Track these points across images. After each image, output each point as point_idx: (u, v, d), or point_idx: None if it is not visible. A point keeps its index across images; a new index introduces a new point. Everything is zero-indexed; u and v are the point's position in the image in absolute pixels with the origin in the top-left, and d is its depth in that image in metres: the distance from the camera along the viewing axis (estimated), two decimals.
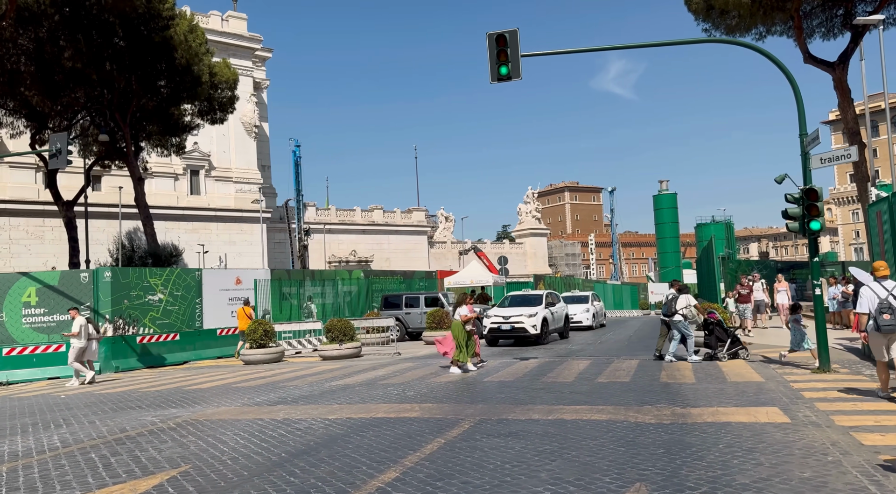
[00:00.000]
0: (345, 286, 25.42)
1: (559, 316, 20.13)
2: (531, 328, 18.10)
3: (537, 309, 18.61)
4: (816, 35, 28.12)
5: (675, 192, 67.06)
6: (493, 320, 18.54)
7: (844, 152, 10.04)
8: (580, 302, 24.54)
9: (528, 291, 23.75)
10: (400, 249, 66.45)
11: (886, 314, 7.14)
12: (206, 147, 50.16)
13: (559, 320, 20.07)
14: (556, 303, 20.34)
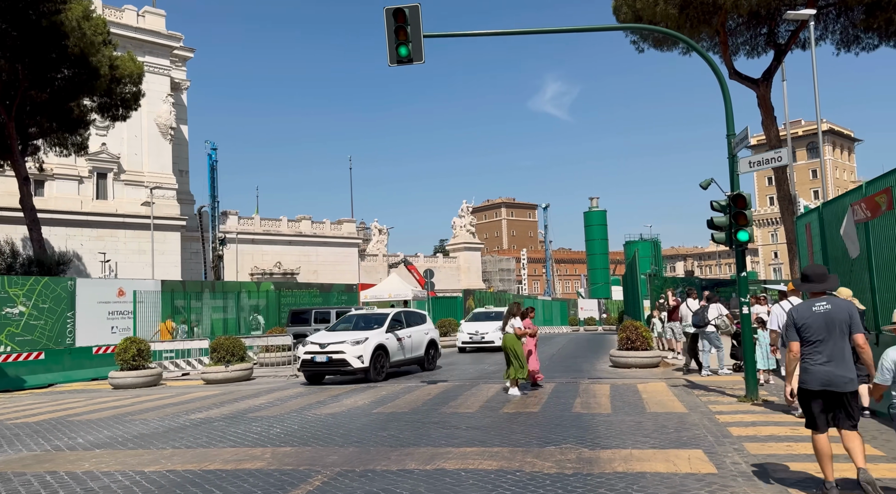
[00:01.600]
0: (251, 300, 23.31)
1: (416, 343, 15.37)
2: (355, 359, 13.36)
3: (370, 334, 13.85)
4: (741, 52, 28.22)
5: (605, 209, 67.58)
6: (307, 349, 14.01)
7: (775, 155, 9.07)
8: (492, 319, 22.41)
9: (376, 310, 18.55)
10: (329, 261, 64.06)
11: None
12: (115, 149, 46.71)
13: (415, 347, 15.35)
14: (417, 324, 15.77)
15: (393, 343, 14.41)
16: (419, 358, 15.58)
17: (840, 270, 9.21)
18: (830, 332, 4.64)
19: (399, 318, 15.23)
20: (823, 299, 4.80)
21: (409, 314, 16.14)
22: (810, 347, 4.71)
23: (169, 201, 48.44)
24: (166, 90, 49.40)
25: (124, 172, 47.11)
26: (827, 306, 4.72)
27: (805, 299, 6.24)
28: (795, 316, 4.82)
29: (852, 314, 4.68)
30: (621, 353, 15.06)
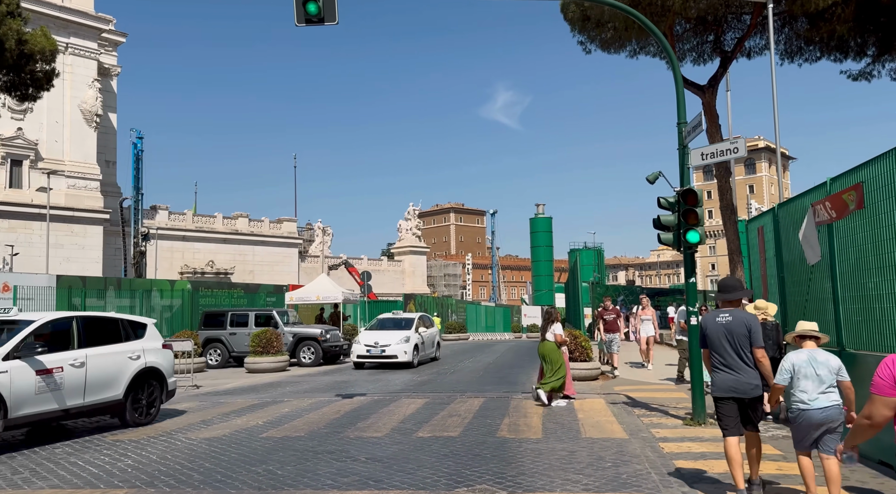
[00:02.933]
0: (163, 300, 21.26)
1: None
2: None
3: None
4: (688, 59, 27.85)
5: (550, 216, 67.26)
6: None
7: (731, 146, 8.06)
8: (398, 328, 17.92)
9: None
10: (266, 261, 61.54)
11: None
12: (34, 134, 43.28)
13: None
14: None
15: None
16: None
17: (796, 278, 8.28)
18: (730, 342, 5.02)
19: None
20: (727, 311, 5.15)
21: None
22: (715, 355, 5.11)
23: (91, 192, 45.26)
24: (93, 75, 46.21)
25: (42, 159, 43.70)
26: (728, 318, 5.08)
27: None
28: (703, 325, 5.30)
29: (752, 328, 5.02)
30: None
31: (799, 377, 4.55)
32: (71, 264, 42.67)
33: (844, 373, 4.58)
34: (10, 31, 25.24)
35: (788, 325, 8.45)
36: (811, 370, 4.53)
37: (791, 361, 4.63)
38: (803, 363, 4.57)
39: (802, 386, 4.52)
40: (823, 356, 4.61)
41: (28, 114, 43.29)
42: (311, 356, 18.48)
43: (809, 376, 4.52)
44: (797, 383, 4.56)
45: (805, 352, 4.66)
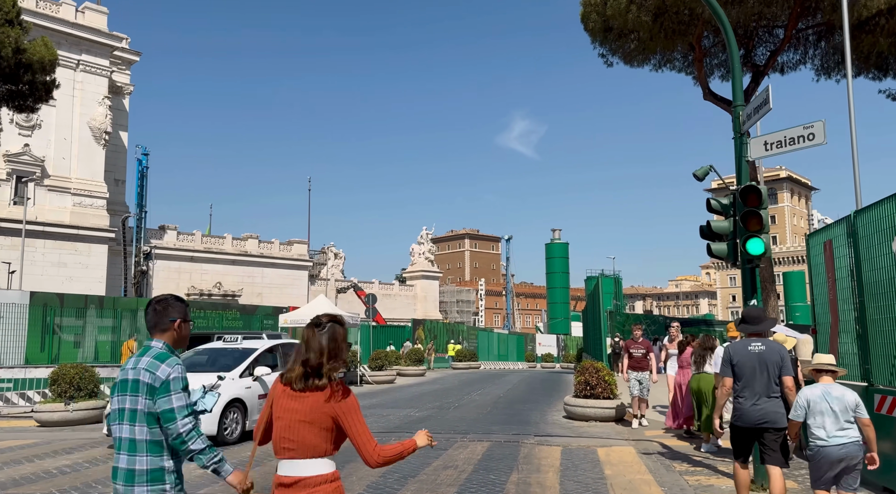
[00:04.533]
0: None
1: None
2: None
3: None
4: (716, 75, 26.30)
5: (567, 242, 65.33)
6: None
7: (804, 132, 6.38)
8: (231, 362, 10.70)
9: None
10: (275, 284, 60.26)
11: None
12: (41, 151, 42.58)
13: None
14: None
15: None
16: None
17: (883, 302, 6.51)
18: (762, 371, 4.90)
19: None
20: (759, 340, 5.09)
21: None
22: (741, 385, 4.97)
23: (98, 210, 44.32)
24: (103, 92, 45.67)
25: (49, 176, 42.95)
26: (761, 347, 5.00)
27: None
28: (731, 354, 5.10)
29: (783, 357, 4.98)
30: (578, 401, 12.13)
31: (815, 413, 4.45)
32: (74, 283, 41.53)
33: (862, 410, 4.41)
34: (7, 39, 24.36)
35: (871, 364, 6.69)
36: (826, 405, 4.42)
37: (805, 396, 4.53)
38: (818, 399, 4.46)
39: (819, 422, 4.42)
40: (839, 391, 4.45)
41: (36, 130, 42.74)
42: None
43: (825, 411, 4.41)
44: (814, 418, 4.46)
45: (819, 387, 4.53)
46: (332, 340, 2.63)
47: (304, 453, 2.54)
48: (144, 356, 2.77)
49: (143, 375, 2.71)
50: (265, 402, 2.75)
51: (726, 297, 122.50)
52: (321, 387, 2.56)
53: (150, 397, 2.69)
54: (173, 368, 2.74)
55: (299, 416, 2.55)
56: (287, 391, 2.61)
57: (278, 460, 2.60)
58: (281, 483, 2.57)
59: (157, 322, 2.84)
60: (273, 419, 2.64)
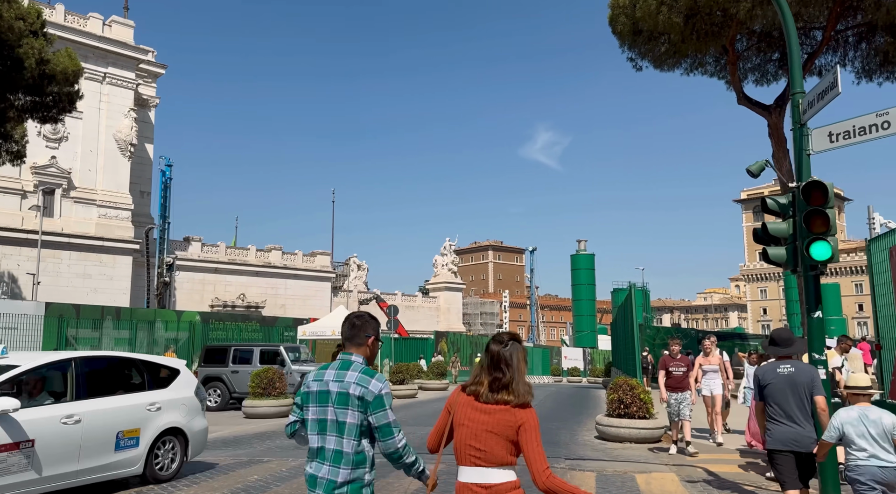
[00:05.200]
0: (168, 332, 19.39)
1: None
2: None
3: None
4: (749, 79, 25.38)
5: (593, 253, 64.20)
6: None
7: (878, 120, 5.57)
8: None
9: None
10: (298, 295, 60.13)
11: None
12: (67, 163, 42.98)
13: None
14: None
15: None
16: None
17: None
18: (793, 393, 4.83)
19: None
20: (788, 361, 5.00)
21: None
22: (773, 408, 4.91)
23: (122, 222, 44.54)
24: (129, 104, 46.07)
25: (75, 188, 43.30)
26: (791, 369, 4.92)
27: None
28: (760, 377, 5.05)
29: (814, 378, 4.92)
30: (611, 421, 11.31)
31: (852, 436, 4.37)
32: (99, 294, 41.69)
33: None
34: (30, 50, 24.38)
35: None
36: (863, 428, 4.33)
37: (840, 418, 4.46)
38: (853, 421, 4.39)
39: (858, 444, 4.33)
40: (876, 414, 4.37)
41: (63, 142, 43.19)
42: None
43: (862, 434, 4.33)
44: (851, 441, 4.37)
45: (856, 409, 4.45)
46: (520, 359, 2.80)
47: (492, 462, 2.68)
48: (347, 369, 2.84)
49: (354, 388, 2.79)
50: (443, 410, 2.89)
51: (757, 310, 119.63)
52: (508, 401, 2.70)
53: (362, 410, 2.78)
54: (383, 384, 2.85)
55: (487, 427, 2.69)
56: (472, 402, 2.78)
57: (460, 466, 2.75)
58: (470, 489, 2.70)
59: (353, 336, 2.95)
60: (455, 426, 2.79)
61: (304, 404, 2.94)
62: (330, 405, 2.80)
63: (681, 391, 9.99)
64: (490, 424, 2.68)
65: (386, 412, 2.79)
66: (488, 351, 2.84)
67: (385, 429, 2.79)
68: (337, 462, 2.78)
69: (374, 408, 2.76)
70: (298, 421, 2.98)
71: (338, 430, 2.78)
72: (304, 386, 2.93)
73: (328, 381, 2.84)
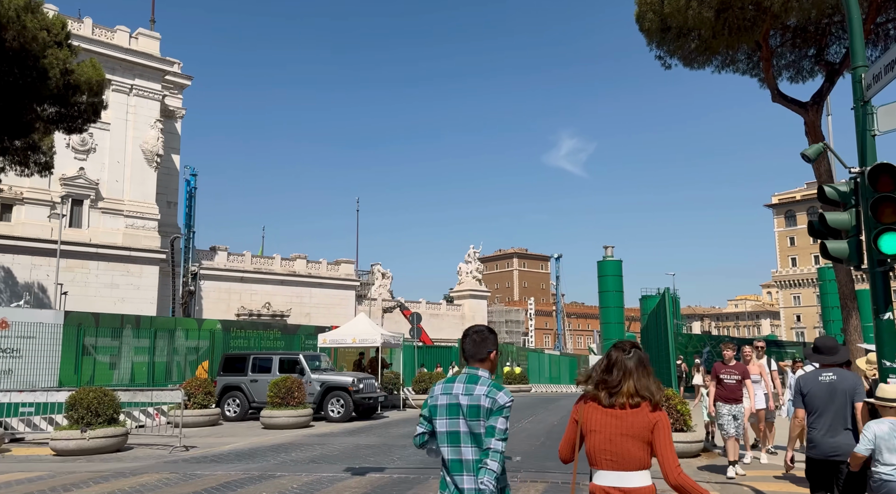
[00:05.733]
0: (189, 341, 19.12)
1: None
2: None
3: None
4: (784, 76, 24.43)
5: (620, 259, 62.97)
6: None
7: None
8: None
9: None
10: (323, 303, 60.09)
11: None
12: (95, 174, 43.48)
13: None
14: None
15: None
16: None
17: None
18: (834, 402, 4.71)
19: None
20: (831, 369, 4.88)
21: None
22: (814, 416, 4.80)
23: (149, 232, 44.89)
24: (155, 115, 46.55)
25: (102, 199, 43.78)
26: (833, 377, 4.82)
27: None
28: (802, 385, 4.95)
29: (857, 385, 4.79)
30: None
31: (882, 450, 4.25)
32: (126, 304, 41.97)
33: None
34: (55, 60, 24.50)
35: None
36: (894, 442, 4.22)
37: (873, 431, 4.33)
38: (885, 435, 4.26)
39: (886, 458, 4.22)
40: None
41: (91, 154, 43.74)
42: (339, 409, 15.70)
43: (892, 448, 4.22)
44: (881, 455, 4.27)
45: (888, 422, 4.34)
46: (641, 363, 2.90)
47: (628, 465, 2.76)
48: (476, 383, 2.97)
49: (484, 401, 2.91)
50: (569, 420, 3.03)
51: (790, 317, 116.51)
52: (636, 405, 2.80)
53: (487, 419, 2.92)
54: (510, 397, 3.00)
55: (620, 430, 2.78)
56: (598, 408, 2.87)
57: (595, 470, 2.84)
58: (606, 492, 2.77)
59: (475, 352, 3.05)
60: (586, 433, 2.88)
61: (431, 416, 3.04)
62: (461, 418, 2.92)
63: (734, 403, 8.85)
64: (624, 428, 2.78)
65: (501, 418, 2.91)
66: (608, 357, 2.97)
67: (489, 430, 2.90)
68: (478, 473, 2.88)
69: (495, 414, 2.90)
70: (427, 433, 3.08)
71: (474, 441, 2.90)
72: (430, 399, 3.04)
73: (458, 394, 2.96)
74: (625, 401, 2.78)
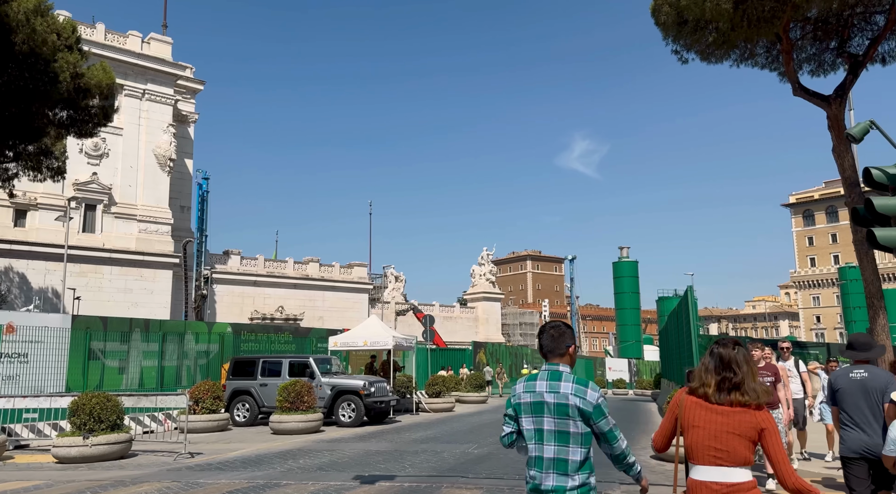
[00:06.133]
0: (199, 344, 18.84)
1: None
2: None
3: None
4: (804, 70, 23.77)
5: (636, 260, 62.20)
6: None
7: None
8: None
9: None
10: (336, 307, 59.91)
11: None
12: (108, 179, 43.58)
13: None
14: None
15: None
16: None
17: None
18: (865, 399, 4.68)
19: None
20: (862, 367, 4.82)
21: None
22: (845, 413, 4.77)
23: (162, 236, 44.89)
24: (168, 120, 46.61)
25: (115, 204, 43.85)
26: (864, 374, 4.76)
27: None
28: (833, 382, 4.92)
29: (889, 384, 4.69)
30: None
31: None
32: (139, 308, 41.96)
33: None
34: (65, 64, 24.41)
35: None
36: None
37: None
38: None
39: None
40: None
41: (104, 159, 43.85)
42: (350, 413, 15.31)
43: None
44: None
45: None
46: (747, 361, 2.91)
47: (733, 461, 2.81)
48: (560, 380, 2.97)
49: (572, 399, 2.91)
50: (667, 412, 3.05)
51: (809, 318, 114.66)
52: (745, 403, 2.84)
53: (583, 419, 2.90)
54: (598, 392, 2.97)
55: (726, 428, 2.82)
56: (702, 404, 2.91)
57: (695, 465, 2.87)
58: (708, 487, 2.82)
59: (554, 348, 3.07)
60: (686, 427, 2.91)
61: (517, 414, 3.07)
62: (546, 416, 2.95)
63: (770, 409, 7.76)
64: (730, 425, 2.82)
65: (607, 420, 2.93)
66: (713, 354, 2.99)
67: (609, 435, 2.93)
68: (562, 470, 2.89)
69: (596, 418, 2.91)
70: (514, 432, 3.10)
71: (558, 439, 2.91)
72: (513, 397, 3.06)
73: (542, 392, 2.97)
74: (736, 399, 2.82)
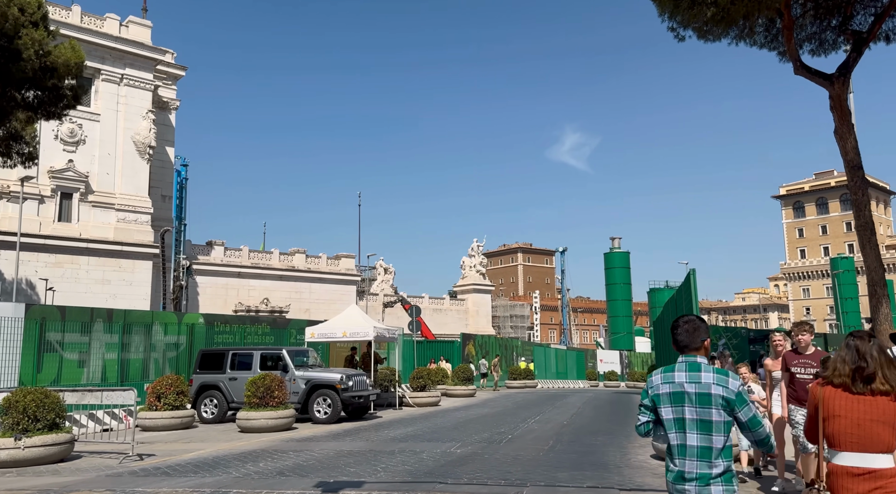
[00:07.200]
0: (168, 336, 17.69)
1: None
2: None
3: None
4: (805, 49, 22.84)
5: (628, 251, 61.40)
6: None
7: None
8: None
9: None
10: (323, 299, 58.75)
11: None
12: (85, 167, 42.07)
13: None
14: None
15: None
16: None
17: None
18: None
19: None
20: None
21: None
22: None
23: (142, 226, 43.48)
24: (147, 106, 45.09)
25: (93, 192, 42.37)
26: None
27: None
28: None
29: None
30: None
31: None
32: (118, 300, 40.60)
33: None
34: (29, 41, 22.99)
35: None
36: None
37: None
38: None
39: None
40: None
41: (80, 145, 42.36)
42: (326, 409, 14.26)
43: None
44: None
45: None
46: (883, 352, 3.09)
47: (875, 448, 2.95)
48: (699, 371, 3.08)
49: (715, 389, 3.02)
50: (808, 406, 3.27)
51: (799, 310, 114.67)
52: (886, 392, 2.99)
53: (727, 408, 3.01)
54: (738, 381, 3.10)
55: (871, 416, 2.98)
56: (841, 393, 3.07)
57: (836, 451, 3.04)
58: (849, 472, 2.97)
59: (690, 342, 3.19)
60: (827, 417, 3.07)
61: (655, 405, 3.15)
62: (688, 405, 3.03)
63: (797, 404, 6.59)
64: (875, 414, 2.96)
65: (749, 407, 3.02)
66: (850, 346, 3.12)
67: (753, 421, 3.03)
68: (705, 457, 2.97)
69: (739, 406, 3.00)
70: (651, 422, 3.19)
71: (700, 428, 2.99)
72: (650, 389, 3.16)
73: (682, 383, 3.07)
74: (878, 388, 2.95)
